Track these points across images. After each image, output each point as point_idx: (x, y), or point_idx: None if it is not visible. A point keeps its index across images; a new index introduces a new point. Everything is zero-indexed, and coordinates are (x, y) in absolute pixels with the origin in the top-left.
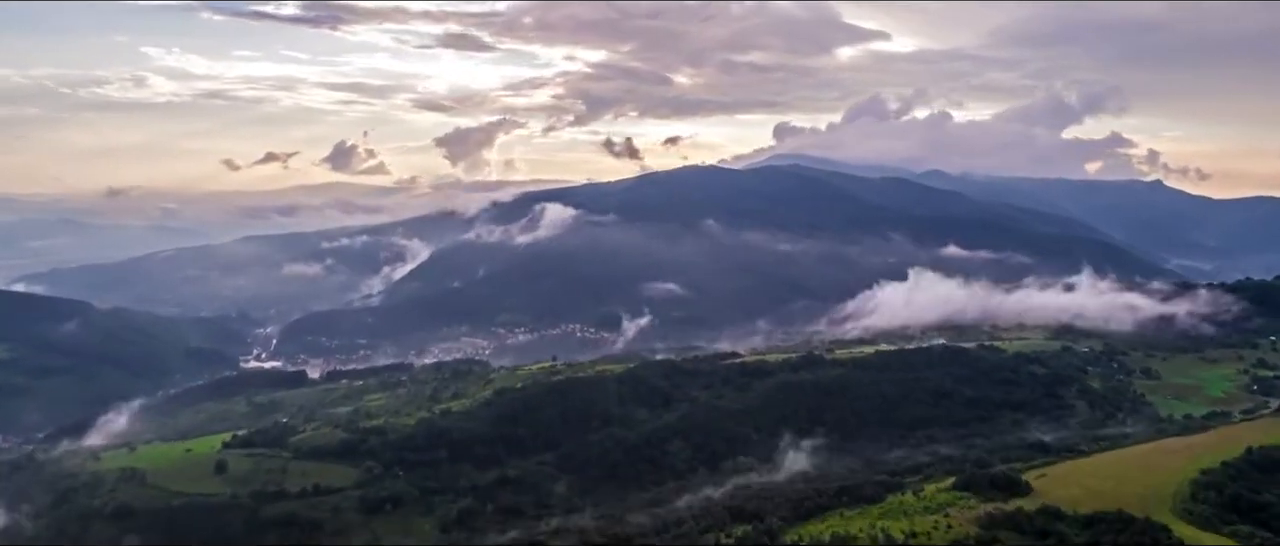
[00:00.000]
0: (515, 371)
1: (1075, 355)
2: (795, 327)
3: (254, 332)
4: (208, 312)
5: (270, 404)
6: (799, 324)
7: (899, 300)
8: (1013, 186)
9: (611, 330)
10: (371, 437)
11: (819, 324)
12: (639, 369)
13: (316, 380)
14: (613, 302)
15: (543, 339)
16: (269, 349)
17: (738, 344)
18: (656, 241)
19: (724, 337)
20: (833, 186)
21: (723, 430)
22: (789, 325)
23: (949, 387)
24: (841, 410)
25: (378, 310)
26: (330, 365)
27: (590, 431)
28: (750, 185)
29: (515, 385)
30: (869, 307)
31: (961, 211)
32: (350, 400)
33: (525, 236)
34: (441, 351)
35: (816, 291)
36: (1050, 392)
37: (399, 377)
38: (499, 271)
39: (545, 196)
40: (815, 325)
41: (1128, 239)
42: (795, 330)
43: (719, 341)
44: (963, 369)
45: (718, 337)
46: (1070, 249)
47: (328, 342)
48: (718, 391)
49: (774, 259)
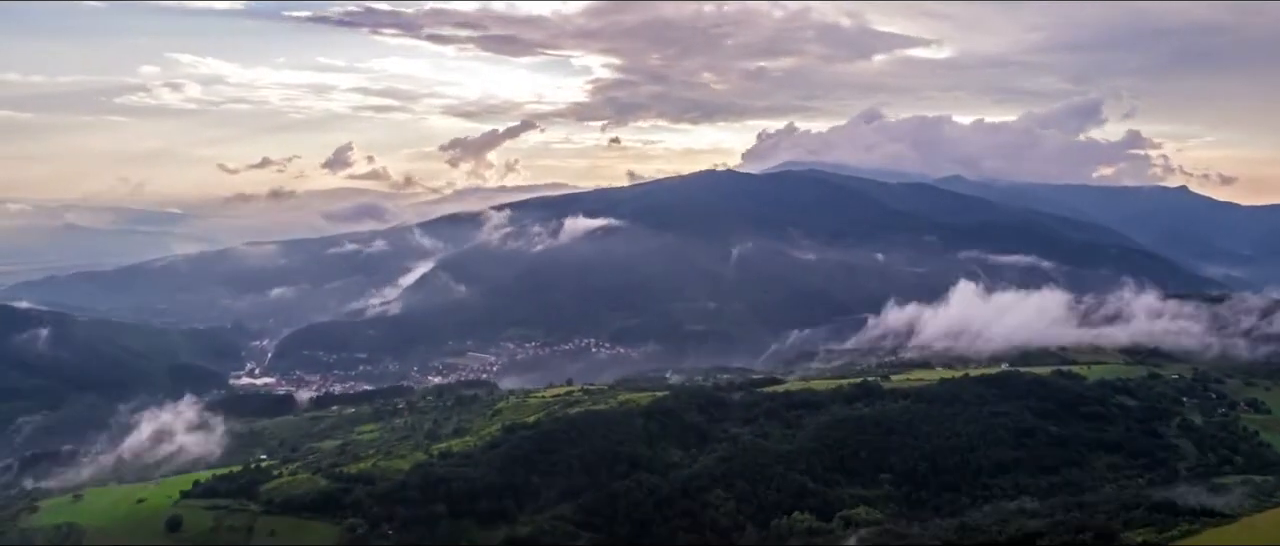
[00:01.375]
0: (526, 398)
1: (1165, 383)
2: (828, 343)
3: (250, 345)
4: (203, 323)
5: (250, 435)
6: (830, 339)
7: (949, 316)
8: (1034, 192)
9: (628, 345)
10: (357, 486)
11: (852, 339)
12: (669, 399)
13: (305, 405)
14: (628, 315)
15: (554, 354)
16: (264, 363)
17: (766, 361)
18: (673, 249)
19: (750, 354)
20: (853, 192)
21: (772, 477)
22: (820, 341)
23: (1030, 424)
24: (910, 453)
25: (380, 322)
26: (328, 382)
27: (615, 477)
28: (767, 191)
29: (526, 419)
30: (913, 324)
31: (990, 218)
32: (339, 431)
33: (534, 244)
34: (445, 367)
35: (845, 303)
36: (1147, 430)
37: (396, 404)
38: (507, 281)
39: (555, 203)
40: (848, 340)
41: (1157, 246)
42: (830, 347)
43: (745, 358)
44: (1042, 400)
45: (743, 354)
46: (1106, 257)
47: (325, 357)
48: (761, 427)
49: (797, 268)
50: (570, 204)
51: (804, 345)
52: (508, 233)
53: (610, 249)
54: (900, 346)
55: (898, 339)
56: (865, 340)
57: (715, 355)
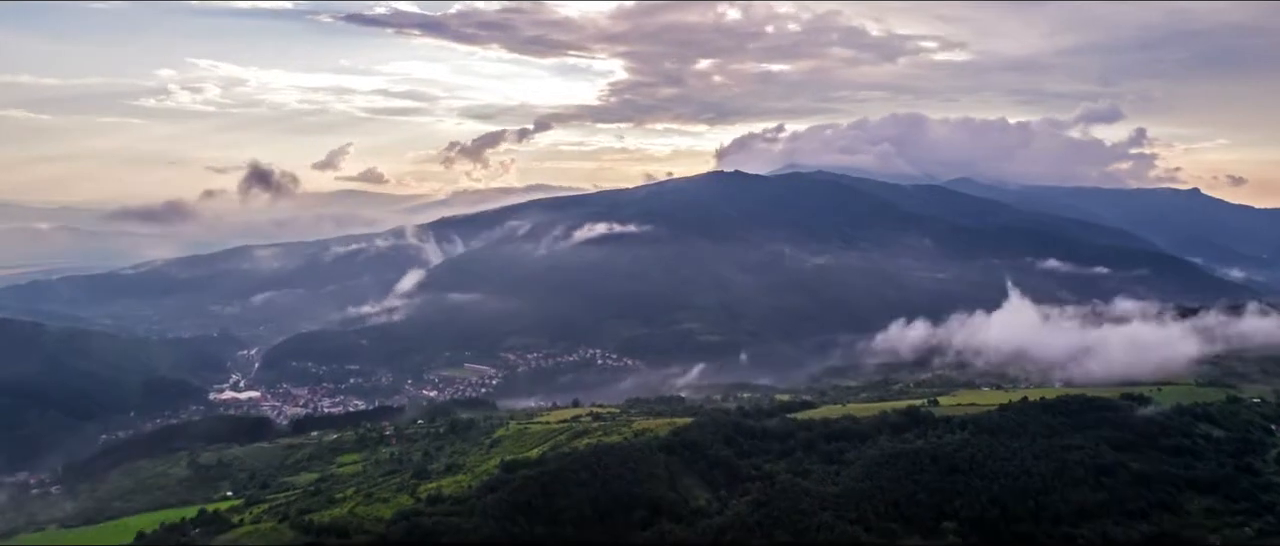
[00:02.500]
0: (528, 423)
1: (1247, 408)
2: (854, 356)
3: (237, 355)
4: (190, 331)
5: (218, 466)
6: (855, 352)
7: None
8: (1044, 194)
9: (636, 356)
10: (329, 542)
11: (876, 348)
12: (692, 431)
13: (283, 428)
14: (636, 323)
15: (558, 366)
16: (250, 375)
17: (789, 376)
18: (681, 254)
19: (768, 367)
20: (865, 194)
21: (817, 526)
22: (843, 353)
23: (1108, 459)
24: (977, 496)
25: (374, 330)
26: (316, 396)
27: (633, 527)
28: (775, 192)
29: (529, 454)
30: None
31: (1006, 220)
32: (318, 462)
33: (537, 249)
34: (442, 381)
35: (865, 312)
36: (1241, 465)
37: (382, 429)
38: (509, 287)
39: (560, 205)
40: (873, 352)
41: (1177, 250)
42: (856, 360)
43: (763, 372)
44: (1116, 430)
45: (761, 367)
46: (1131, 262)
47: (315, 369)
48: (799, 462)
49: (811, 273)
50: (575, 206)
51: (826, 357)
52: (510, 236)
53: (617, 253)
54: (941, 362)
55: (930, 353)
56: (891, 351)
57: (732, 369)
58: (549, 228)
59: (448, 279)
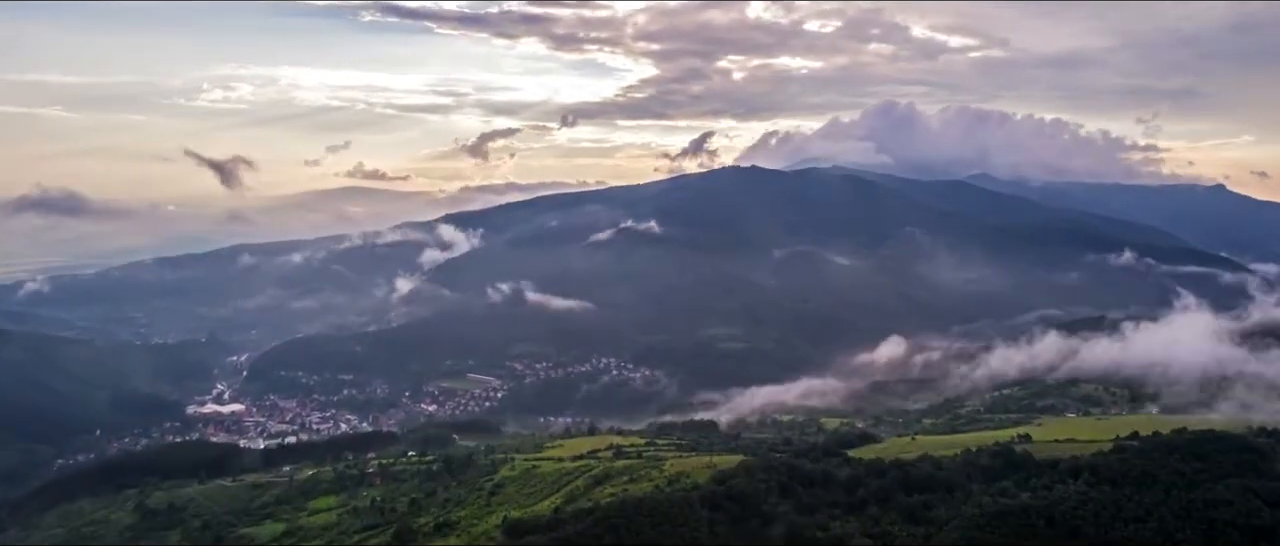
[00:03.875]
0: (537, 458)
1: None
2: (894, 368)
3: (225, 362)
4: (176, 335)
5: (169, 510)
6: (893, 361)
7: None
8: (1066, 190)
9: (654, 367)
10: None
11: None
12: (740, 478)
13: (252, 461)
14: (652, 330)
15: (570, 377)
16: (236, 385)
17: (824, 393)
18: (697, 253)
19: (798, 378)
20: (887, 190)
21: None
22: (881, 365)
23: (1267, 519)
24: None
25: (371, 335)
26: (305, 410)
27: None
28: (794, 188)
29: (537, 510)
30: (1021, 352)
31: (1038, 219)
32: (287, 507)
33: (544, 248)
34: (442, 394)
35: (897, 317)
36: None
37: (365, 465)
38: (516, 289)
39: (566, 201)
40: (920, 368)
41: (1211, 247)
42: (900, 371)
43: (795, 385)
44: (1263, 478)
45: (790, 377)
46: (1175, 260)
47: (306, 378)
48: (875, 520)
49: (837, 274)
50: (587, 202)
51: (865, 369)
52: (518, 235)
53: (629, 253)
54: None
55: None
56: (937, 365)
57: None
58: (558, 225)
59: (452, 280)
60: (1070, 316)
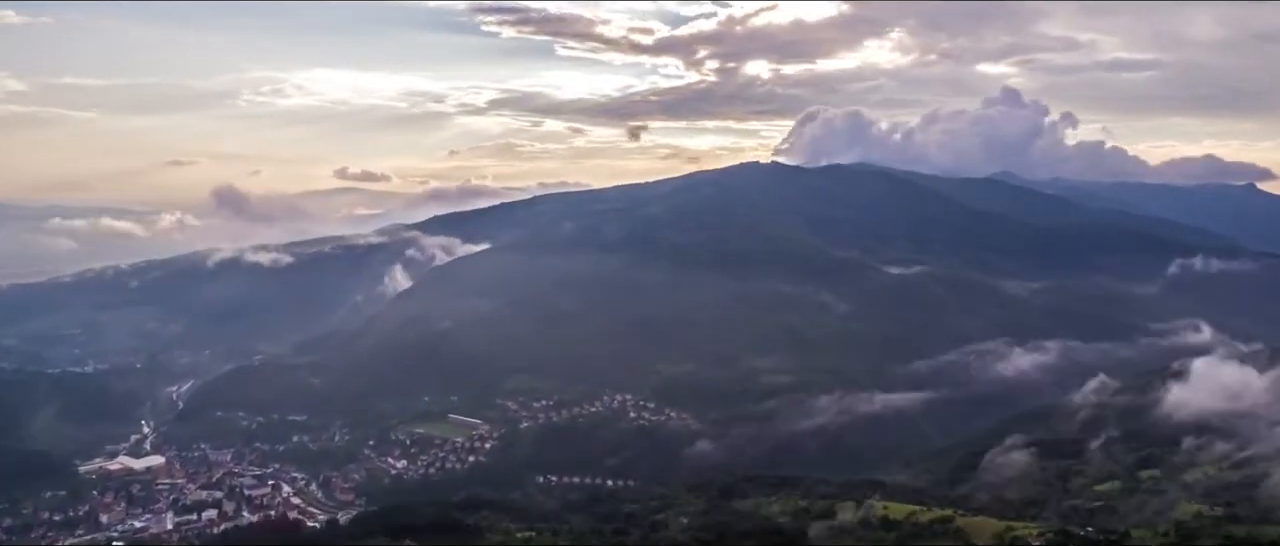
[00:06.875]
0: None
1: None
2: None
3: (159, 394)
4: (112, 359)
5: None
6: (986, 402)
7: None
8: (1094, 191)
9: (680, 407)
10: None
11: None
12: None
13: None
14: (675, 356)
15: (576, 421)
16: (164, 426)
17: (908, 464)
18: (724, 262)
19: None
20: (922, 189)
21: None
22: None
23: None
24: None
25: (334, 362)
26: (241, 466)
27: None
28: (821, 186)
29: None
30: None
31: (1083, 220)
32: None
33: (547, 255)
34: (415, 443)
35: (965, 336)
36: None
37: None
38: (511, 304)
39: (569, 199)
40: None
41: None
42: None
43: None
44: None
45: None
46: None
47: (247, 421)
48: None
49: (886, 286)
50: (586, 202)
51: (954, 421)
52: (514, 241)
53: (641, 260)
54: None
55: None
56: (1038, 408)
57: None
58: (565, 229)
59: (439, 291)
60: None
